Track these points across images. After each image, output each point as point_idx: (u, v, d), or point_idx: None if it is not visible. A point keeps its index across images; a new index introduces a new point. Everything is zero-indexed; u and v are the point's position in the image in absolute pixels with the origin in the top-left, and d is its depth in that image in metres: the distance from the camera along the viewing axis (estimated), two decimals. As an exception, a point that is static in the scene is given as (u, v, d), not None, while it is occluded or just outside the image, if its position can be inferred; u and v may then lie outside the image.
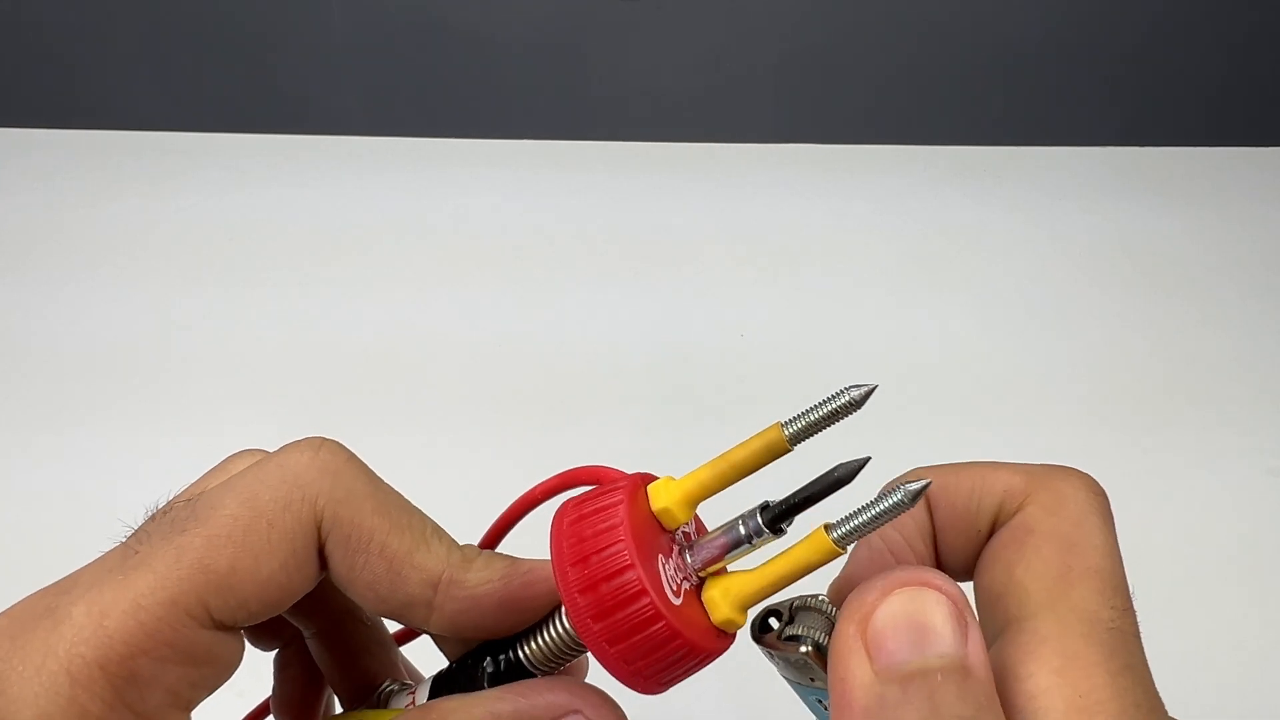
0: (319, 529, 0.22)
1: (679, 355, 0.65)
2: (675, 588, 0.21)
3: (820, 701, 0.22)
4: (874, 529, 0.20)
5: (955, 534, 0.23)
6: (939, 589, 0.19)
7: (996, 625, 0.21)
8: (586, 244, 0.75)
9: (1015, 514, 0.22)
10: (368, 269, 0.72)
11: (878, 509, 0.20)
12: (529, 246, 0.75)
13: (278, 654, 0.28)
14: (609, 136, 0.87)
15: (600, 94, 1.37)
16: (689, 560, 0.22)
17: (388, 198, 0.79)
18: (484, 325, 0.68)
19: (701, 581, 0.22)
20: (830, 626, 0.21)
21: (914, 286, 0.72)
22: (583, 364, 0.64)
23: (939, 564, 0.24)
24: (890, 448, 0.59)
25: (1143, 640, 0.20)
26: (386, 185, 0.81)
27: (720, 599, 0.21)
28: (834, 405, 0.21)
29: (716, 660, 0.21)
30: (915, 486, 0.20)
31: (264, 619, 0.22)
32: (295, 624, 0.27)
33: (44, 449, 0.58)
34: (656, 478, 0.22)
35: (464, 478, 0.56)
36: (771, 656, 0.22)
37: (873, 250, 0.76)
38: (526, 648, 0.23)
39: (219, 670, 0.21)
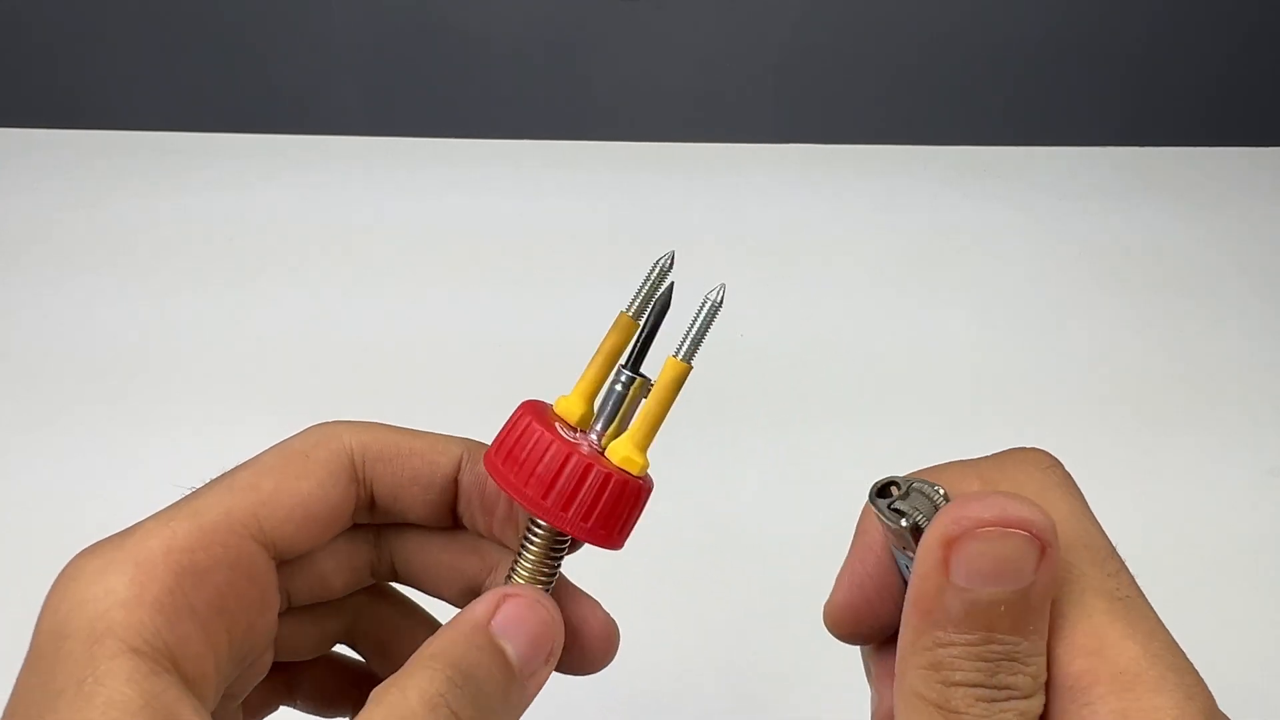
0: (351, 458, 0.26)
1: (679, 355, 0.65)
2: (599, 460, 0.25)
3: (909, 569, 0.24)
4: (704, 335, 0.25)
5: None
6: (1024, 526, 0.20)
7: None
8: (586, 244, 0.75)
9: None
10: (368, 269, 0.72)
11: (698, 320, 0.25)
12: (529, 246, 0.75)
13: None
14: (609, 136, 0.87)
15: (600, 94, 1.37)
16: (594, 440, 0.26)
17: (388, 198, 0.79)
18: (484, 325, 0.68)
19: (603, 451, 0.26)
20: (933, 514, 0.23)
21: (914, 286, 0.72)
22: (582, 364, 0.64)
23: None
24: (890, 447, 0.59)
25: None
26: (386, 185, 0.81)
27: (628, 452, 0.25)
28: (652, 277, 0.27)
29: (722, 660, 0.22)
30: (715, 295, 0.25)
31: (305, 543, 0.25)
32: (392, 577, 0.30)
33: (44, 449, 0.58)
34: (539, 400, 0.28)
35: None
36: (880, 518, 0.24)
37: (873, 250, 0.76)
38: (517, 574, 0.26)
39: (258, 591, 0.24)
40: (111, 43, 1.36)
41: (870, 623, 0.25)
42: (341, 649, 0.30)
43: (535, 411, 0.26)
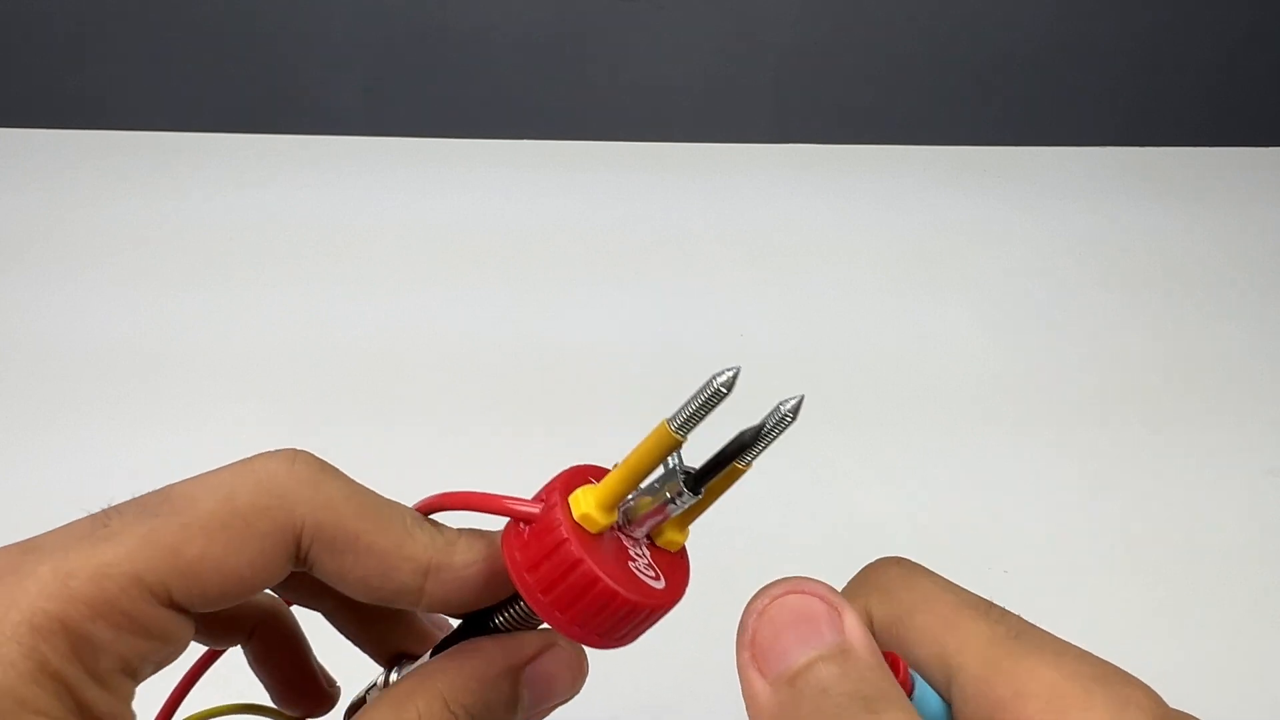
0: (297, 538, 0.23)
1: (679, 355, 0.65)
2: (650, 573, 0.24)
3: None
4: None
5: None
6: (802, 591, 0.21)
7: None
8: (586, 244, 0.75)
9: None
10: (368, 269, 0.72)
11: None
12: (529, 246, 0.75)
13: (248, 651, 0.29)
14: (609, 136, 0.87)
15: (600, 94, 1.37)
16: (635, 534, 0.24)
17: (388, 198, 0.79)
18: (484, 325, 0.68)
19: (651, 540, 0.24)
20: None
21: (914, 286, 0.72)
22: (582, 364, 0.64)
23: None
24: (889, 447, 0.59)
25: (1141, 640, 0.20)
26: (386, 185, 0.81)
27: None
28: (705, 395, 0.23)
29: (721, 659, 0.22)
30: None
31: (218, 609, 0.23)
32: (308, 606, 0.28)
33: (43, 449, 0.58)
34: (584, 470, 0.25)
35: (463, 477, 0.56)
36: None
37: (873, 250, 0.76)
38: (501, 615, 0.25)
39: (170, 647, 0.22)
40: (112, 43, 1.36)
41: None
42: None
43: (572, 525, 0.23)
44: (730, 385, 0.23)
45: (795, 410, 0.23)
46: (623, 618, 0.23)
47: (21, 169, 0.81)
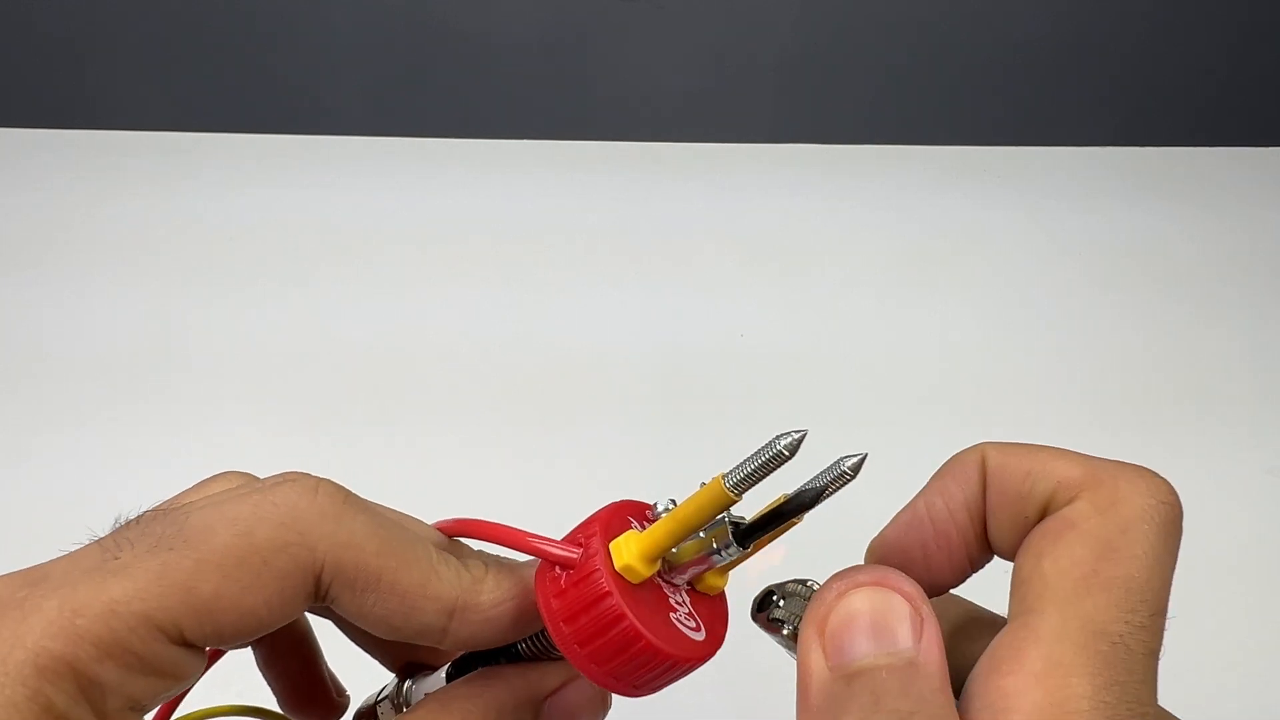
0: (317, 577, 0.22)
1: (679, 355, 0.65)
2: (691, 622, 0.23)
3: None
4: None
5: (1005, 515, 0.23)
6: (895, 588, 0.20)
7: (1013, 612, 0.21)
8: (586, 244, 0.75)
9: (1065, 506, 0.22)
10: (368, 269, 0.72)
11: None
12: (529, 246, 0.75)
13: (257, 654, 0.28)
14: (609, 136, 0.87)
15: (601, 94, 1.37)
16: (677, 581, 0.23)
17: (388, 198, 0.79)
18: (484, 325, 0.67)
19: (692, 585, 0.24)
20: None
21: (914, 286, 0.72)
22: (583, 364, 0.64)
23: (984, 541, 0.24)
24: (889, 446, 0.59)
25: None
26: (386, 185, 0.81)
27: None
28: (766, 456, 0.22)
29: (719, 658, 0.22)
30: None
31: (231, 647, 0.22)
32: (319, 614, 0.27)
33: (43, 450, 0.58)
34: (626, 508, 0.24)
35: (463, 477, 0.56)
36: (765, 632, 0.24)
37: (873, 250, 0.76)
38: (526, 643, 0.25)
39: (179, 683, 0.21)
40: (112, 43, 1.36)
41: (914, 570, 0.23)
42: None
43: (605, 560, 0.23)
44: (794, 449, 0.22)
45: (856, 469, 0.22)
46: (661, 672, 0.22)
47: (21, 169, 0.81)
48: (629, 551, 0.22)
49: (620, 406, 0.61)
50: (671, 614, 0.22)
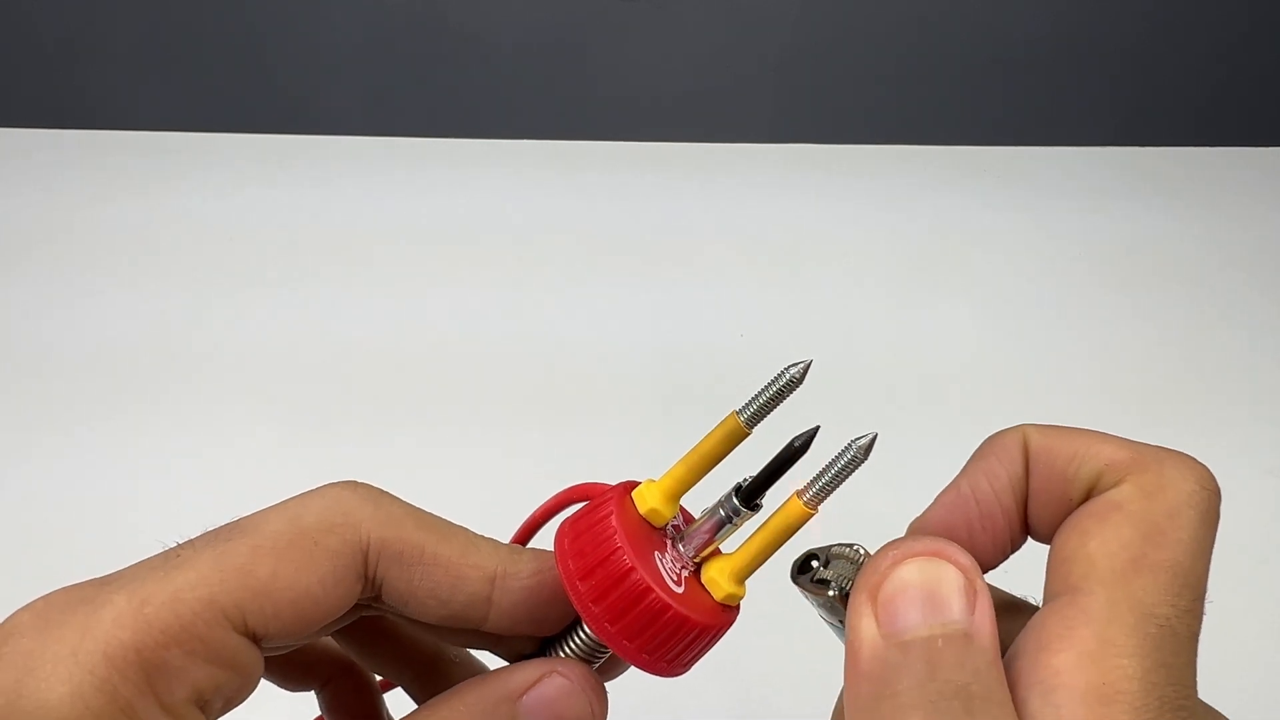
0: (364, 554, 0.23)
1: (679, 355, 0.65)
2: (676, 577, 0.23)
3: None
4: (837, 485, 0.23)
5: (1049, 496, 0.23)
6: (950, 559, 0.20)
7: (1054, 590, 0.21)
8: (586, 244, 0.75)
9: (1111, 489, 0.22)
10: (368, 269, 0.72)
11: (836, 467, 0.23)
12: (529, 246, 0.75)
13: (322, 698, 0.29)
14: (609, 136, 0.87)
15: (600, 94, 1.37)
16: (683, 550, 0.24)
17: (388, 198, 0.79)
18: (484, 325, 0.68)
19: (698, 566, 0.24)
20: (856, 571, 0.23)
21: (914, 286, 0.72)
22: (583, 364, 0.64)
23: (1025, 523, 0.24)
24: (889, 447, 0.59)
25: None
26: (386, 185, 0.81)
27: (719, 577, 0.23)
28: (778, 385, 0.23)
29: (719, 658, 0.22)
30: (864, 441, 0.23)
31: (294, 637, 0.23)
32: (384, 676, 0.28)
33: (42, 450, 0.58)
34: (639, 483, 0.25)
35: (464, 477, 0.56)
36: (806, 594, 0.24)
37: (873, 250, 0.76)
38: (562, 650, 0.25)
39: (242, 679, 0.22)
40: (112, 43, 1.36)
41: None
42: None
43: (622, 506, 0.24)
44: (802, 376, 0.23)
45: (867, 449, 0.23)
46: (672, 632, 0.22)
47: (21, 169, 0.81)
48: (650, 495, 0.24)
49: (620, 406, 0.61)
50: (679, 586, 0.23)
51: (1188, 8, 1.36)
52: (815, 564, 0.24)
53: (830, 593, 0.23)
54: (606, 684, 0.25)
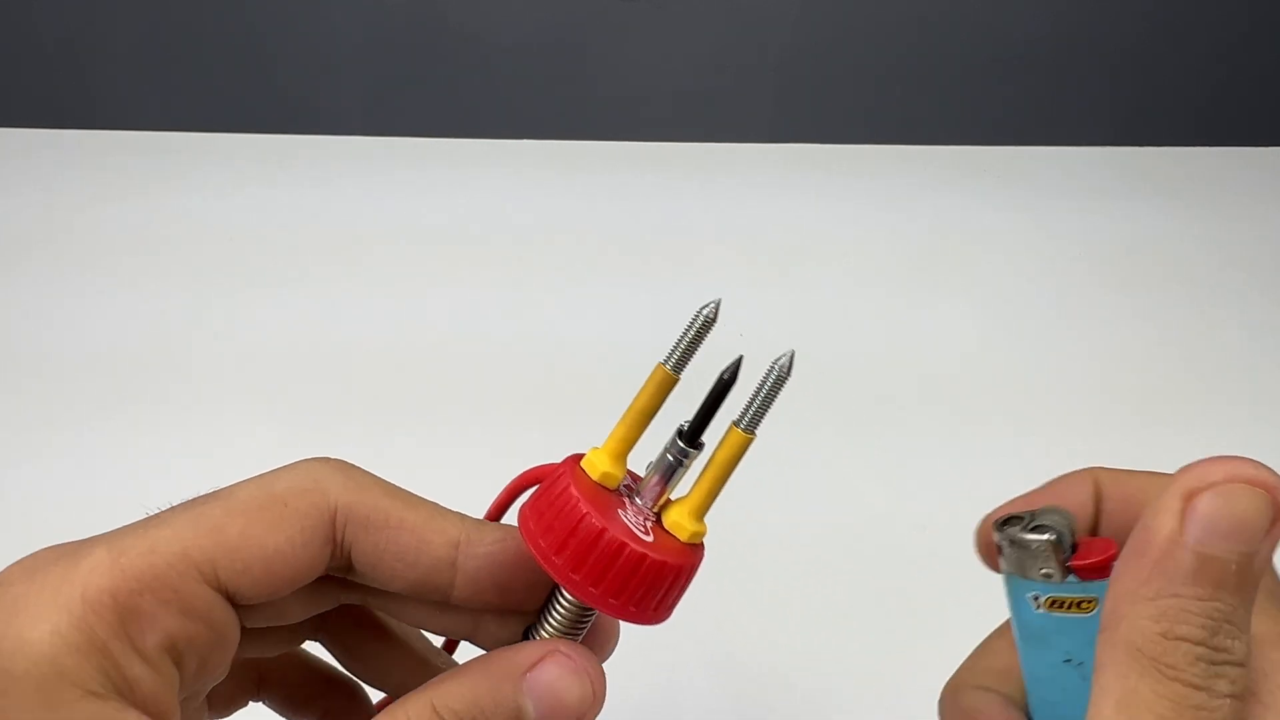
0: (333, 518, 0.24)
1: (679, 355, 0.65)
2: (643, 529, 0.24)
3: (1035, 597, 0.24)
4: (768, 407, 0.24)
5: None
6: (1268, 493, 0.20)
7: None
8: (586, 244, 0.75)
9: None
10: (368, 269, 0.72)
11: (764, 390, 0.24)
12: (529, 246, 0.75)
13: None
14: (609, 136, 0.87)
15: (600, 94, 1.37)
16: (641, 504, 0.25)
17: (388, 198, 0.79)
18: (484, 325, 0.68)
19: (658, 516, 0.25)
20: (1071, 529, 0.23)
21: (914, 286, 0.72)
22: (583, 364, 0.64)
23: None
24: (889, 447, 0.59)
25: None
26: (386, 185, 0.81)
27: (680, 519, 0.24)
28: (695, 327, 0.25)
29: (718, 658, 0.22)
30: (784, 360, 0.24)
31: (265, 594, 0.23)
32: (373, 684, 0.29)
33: (42, 451, 0.58)
34: (584, 454, 0.26)
35: (464, 476, 0.56)
36: (1005, 548, 0.24)
37: (873, 250, 0.76)
38: (545, 627, 0.25)
39: (214, 635, 0.23)
40: (112, 43, 1.36)
41: None
42: (318, 650, 0.30)
43: (576, 476, 0.25)
44: (715, 315, 0.24)
45: (789, 365, 0.24)
46: (653, 580, 0.23)
47: (21, 169, 0.81)
48: (600, 460, 0.25)
49: (620, 405, 0.61)
50: (643, 531, 0.24)
51: (1188, 8, 1.36)
52: (1025, 518, 0.24)
53: (1047, 536, 0.23)
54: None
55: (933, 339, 0.68)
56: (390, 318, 0.68)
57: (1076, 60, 1.39)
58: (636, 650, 0.27)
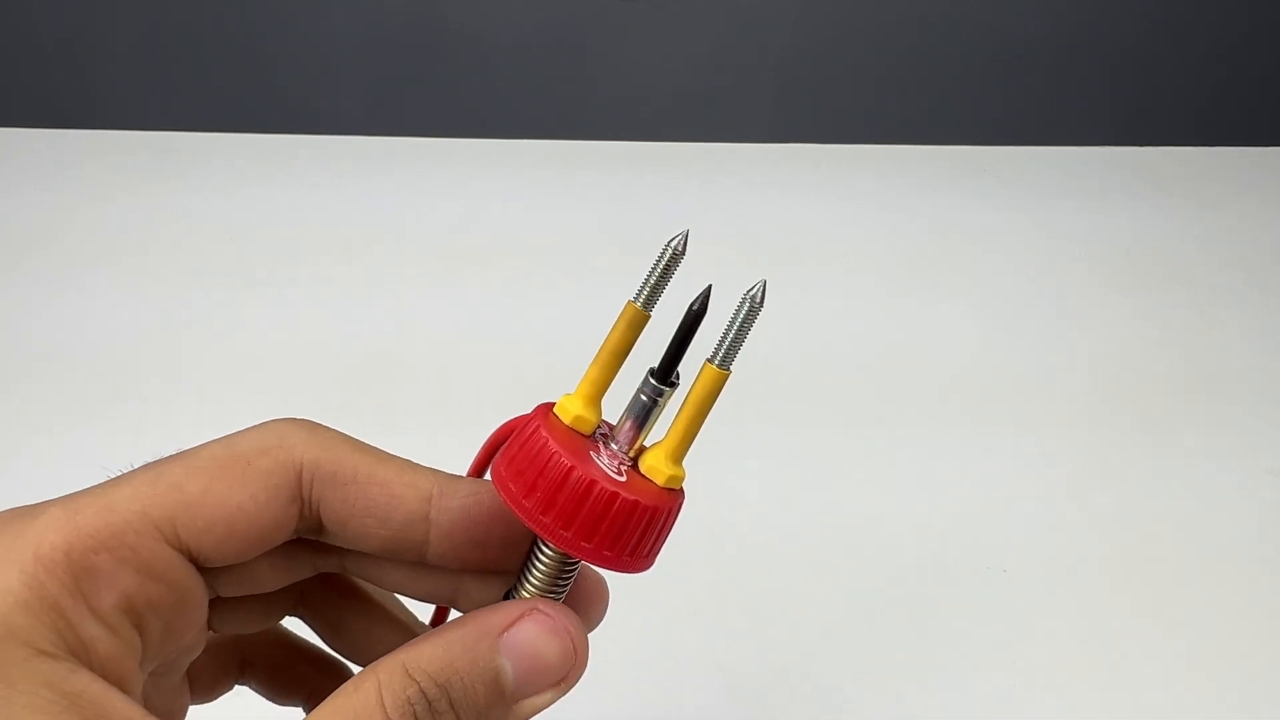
0: (298, 475, 0.23)
1: (679, 355, 0.65)
2: (617, 471, 0.23)
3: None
4: (742, 341, 0.23)
5: None
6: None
7: None
8: (586, 244, 0.75)
9: None
10: (368, 269, 0.72)
11: (737, 323, 0.24)
12: (529, 246, 0.75)
13: (309, 709, 0.29)
14: (609, 136, 0.87)
15: (600, 94, 1.37)
16: (616, 448, 0.24)
17: (388, 198, 0.79)
18: (484, 325, 0.68)
19: (634, 461, 0.24)
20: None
21: (914, 286, 0.72)
22: (583, 364, 0.64)
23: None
24: (889, 446, 0.59)
25: (1141, 639, 0.20)
26: (386, 185, 0.81)
27: (657, 463, 0.24)
28: (664, 261, 0.24)
29: (719, 657, 0.22)
30: (755, 291, 0.23)
31: (229, 554, 0.23)
32: (358, 662, 0.28)
33: (42, 451, 0.58)
34: (555, 402, 0.25)
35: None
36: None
37: (873, 250, 0.76)
38: (525, 587, 0.25)
39: (175, 596, 0.22)
40: (112, 43, 1.36)
41: None
42: (303, 631, 0.29)
43: (548, 421, 0.24)
44: (683, 247, 0.24)
45: (761, 296, 0.24)
46: (625, 521, 0.22)
47: (21, 169, 0.81)
48: (573, 404, 0.24)
49: (620, 405, 0.61)
50: (617, 475, 0.23)
51: (1188, 8, 1.36)
52: None
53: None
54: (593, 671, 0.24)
55: (932, 339, 0.68)
56: (390, 318, 0.68)
57: (1076, 60, 1.39)
58: (637, 650, 0.27)
